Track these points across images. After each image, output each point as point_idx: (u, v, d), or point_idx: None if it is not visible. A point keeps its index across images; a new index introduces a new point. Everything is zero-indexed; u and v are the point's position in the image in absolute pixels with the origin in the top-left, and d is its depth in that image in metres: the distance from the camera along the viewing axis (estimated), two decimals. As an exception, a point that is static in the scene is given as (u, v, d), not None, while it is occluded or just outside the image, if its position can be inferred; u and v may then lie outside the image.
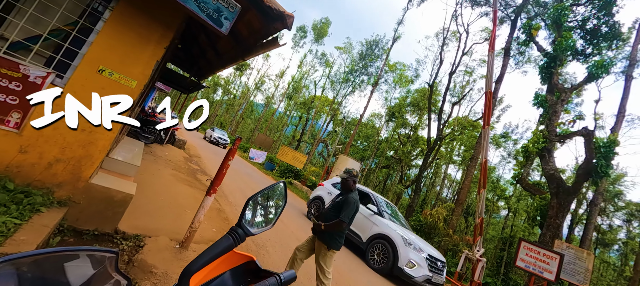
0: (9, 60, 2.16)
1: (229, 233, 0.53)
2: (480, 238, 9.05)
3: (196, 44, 5.16)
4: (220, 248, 0.50)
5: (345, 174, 2.91)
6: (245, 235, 0.54)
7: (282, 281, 0.60)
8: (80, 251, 0.47)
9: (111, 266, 0.51)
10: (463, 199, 16.80)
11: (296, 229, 6.29)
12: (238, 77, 49.04)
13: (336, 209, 2.83)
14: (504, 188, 31.72)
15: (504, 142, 34.07)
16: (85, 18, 2.36)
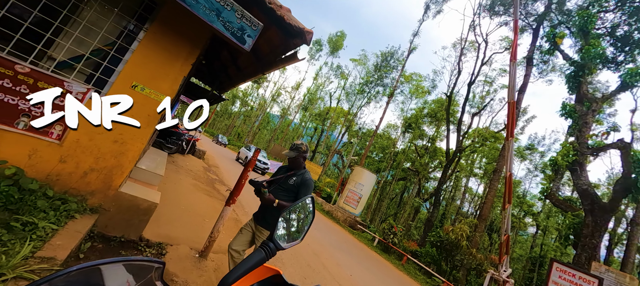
0: (56, 78, 2.38)
1: (262, 247, 0.55)
2: (506, 257, 8.50)
3: (218, 59, 5.43)
4: (253, 261, 0.52)
5: (293, 152, 2.36)
6: (276, 249, 0.55)
7: None
8: (133, 261, 0.50)
9: (156, 276, 0.54)
10: (486, 214, 15.94)
11: (311, 242, 6.23)
12: (255, 89, 50.55)
13: (290, 192, 2.35)
14: (531, 204, 29.81)
15: (530, 154, 32.34)
16: (122, 38, 2.57)
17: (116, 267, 0.51)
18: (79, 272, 0.45)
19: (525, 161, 32.94)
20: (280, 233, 0.63)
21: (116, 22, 2.60)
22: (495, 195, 17.36)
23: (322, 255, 5.58)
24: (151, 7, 2.67)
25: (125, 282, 0.51)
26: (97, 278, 0.50)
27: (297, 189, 2.35)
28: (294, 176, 2.40)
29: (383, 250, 11.91)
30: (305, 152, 2.41)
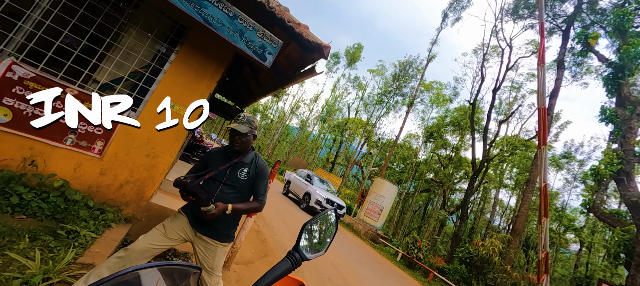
0: (98, 98, 2.64)
1: (287, 257, 0.57)
2: (546, 276, 7.74)
3: (240, 75, 5.71)
4: (280, 271, 0.54)
5: (245, 126, 1.70)
6: (301, 260, 0.57)
7: None
8: (170, 266, 0.54)
9: (194, 281, 0.57)
10: (520, 229, 14.76)
11: (330, 255, 6.13)
12: (275, 103, 51.96)
13: (243, 189, 1.77)
14: (573, 218, 27.19)
15: (566, 163, 29.82)
16: (156, 61, 2.81)
17: (154, 272, 0.55)
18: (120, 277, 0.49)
19: (562, 170, 30.41)
20: (304, 244, 0.64)
21: (151, 46, 2.86)
22: (530, 208, 16.05)
23: (343, 269, 5.46)
24: (181, 31, 2.90)
25: (171, 282, 0.54)
26: (137, 283, 0.55)
27: (251, 184, 1.78)
28: (245, 167, 1.76)
29: (407, 265, 11.39)
30: (256, 128, 1.79)
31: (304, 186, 12.19)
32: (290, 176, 14.01)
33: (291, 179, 13.76)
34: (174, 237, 1.71)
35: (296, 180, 13.24)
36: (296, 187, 12.85)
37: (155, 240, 1.66)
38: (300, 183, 12.69)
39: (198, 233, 1.73)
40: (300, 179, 12.96)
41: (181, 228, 1.73)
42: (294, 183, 13.30)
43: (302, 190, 12.02)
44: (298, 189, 12.52)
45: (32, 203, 2.33)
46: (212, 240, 1.74)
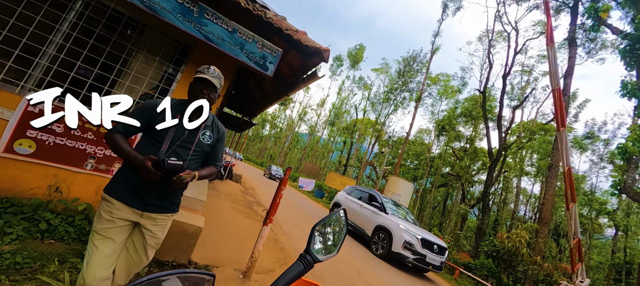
0: (113, 123, 2.77)
1: (299, 260, 0.57)
2: (580, 264, 7.35)
3: (246, 87, 5.83)
4: (292, 274, 0.55)
5: (217, 79, 1.54)
6: (314, 262, 0.58)
7: None
8: (186, 273, 0.55)
9: None
10: (547, 217, 14.07)
11: (351, 258, 6.05)
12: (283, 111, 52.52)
13: (202, 155, 1.60)
14: (604, 201, 25.68)
15: (590, 144, 28.35)
16: (164, 82, 2.92)
17: (173, 280, 0.57)
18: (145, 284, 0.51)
19: (586, 152, 28.91)
20: (316, 246, 0.65)
21: (158, 68, 2.98)
22: (555, 194, 15.29)
23: (364, 272, 5.37)
24: (185, 50, 3.01)
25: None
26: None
27: (213, 148, 1.63)
28: (207, 129, 1.58)
29: (430, 263, 11.07)
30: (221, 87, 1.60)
31: (371, 215, 8.08)
32: (341, 198, 9.77)
33: (343, 202, 9.45)
34: (122, 235, 1.47)
35: (353, 204, 8.92)
36: (357, 217, 8.48)
37: (110, 252, 1.41)
38: (362, 210, 8.49)
39: (146, 212, 1.48)
40: (361, 204, 8.72)
41: (122, 218, 1.44)
42: (350, 208, 8.77)
43: (370, 222, 7.90)
44: (362, 221, 8.25)
45: (59, 228, 2.45)
46: (164, 214, 1.55)
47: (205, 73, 1.49)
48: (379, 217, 7.83)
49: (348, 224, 0.73)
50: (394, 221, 7.39)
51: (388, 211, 7.92)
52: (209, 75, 1.49)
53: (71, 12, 2.55)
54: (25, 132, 2.41)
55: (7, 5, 2.38)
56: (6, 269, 1.86)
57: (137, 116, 1.38)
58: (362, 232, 8.14)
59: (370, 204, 8.53)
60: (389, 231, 7.20)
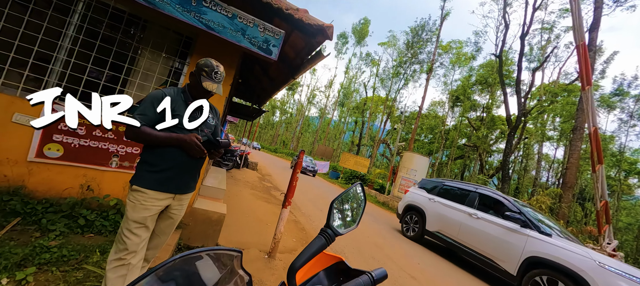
0: (130, 121, 2.87)
1: (321, 234, 0.59)
2: (608, 227, 7.14)
3: (252, 75, 5.82)
4: (315, 247, 0.56)
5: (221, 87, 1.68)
6: (335, 235, 0.59)
7: (374, 279, 0.63)
8: (215, 250, 0.59)
9: (237, 264, 0.62)
10: (572, 181, 13.56)
11: (371, 234, 6.18)
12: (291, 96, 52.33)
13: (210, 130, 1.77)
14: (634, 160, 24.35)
15: (619, 101, 26.48)
16: (172, 76, 2.96)
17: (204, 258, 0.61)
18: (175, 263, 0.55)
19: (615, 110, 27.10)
20: (335, 221, 0.66)
21: (164, 64, 3.01)
22: (580, 157, 14.62)
23: (385, 247, 5.48)
24: (188, 42, 3.01)
25: (214, 269, 0.60)
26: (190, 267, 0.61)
27: (216, 126, 1.83)
28: (210, 112, 1.72)
29: (449, 235, 11.13)
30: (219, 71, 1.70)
31: (504, 235, 4.77)
32: (420, 199, 6.73)
33: (426, 205, 6.47)
34: (154, 221, 1.60)
35: (451, 211, 5.88)
36: (466, 233, 5.39)
37: (146, 236, 1.58)
38: (476, 224, 5.27)
39: (177, 195, 1.63)
40: (470, 213, 5.48)
41: (156, 206, 1.55)
42: (444, 217, 5.96)
43: (509, 249, 4.62)
44: (483, 243, 5.05)
45: (96, 223, 2.65)
46: (190, 193, 1.72)
47: (215, 80, 1.59)
48: (532, 242, 4.35)
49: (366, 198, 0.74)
50: (582, 256, 3.84)
51: (544, 231, 4.46)
52: (217, 84, 1.61)
53: (75, 15, 2.59)
54: (51, 137, 2.56)
55: (14, 14, 2.45)
56: (55, 261, 2.05)
57: (152, 107, 1.49)
58: (484, 260, 4.90)
59: (495, 215, 5.17)
60: (580, 279, 3.68)
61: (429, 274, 4.53)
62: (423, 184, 7.30)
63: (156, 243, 1.72)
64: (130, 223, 1.50)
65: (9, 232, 2.24)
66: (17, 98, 2.48)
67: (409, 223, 6.96)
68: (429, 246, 6.61)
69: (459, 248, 5.46)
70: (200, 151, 1.52)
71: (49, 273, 1.94)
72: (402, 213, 7.24)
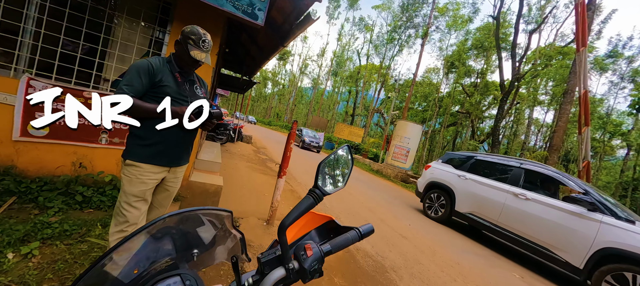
0: (115, 96, 2.78)
1: (309, 194, 0.61)
2: (588, 185, 7.53)
3: (240, 44, 5.56)
4: (303, 206, 0.58)
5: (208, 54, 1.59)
6: (322, 194, 0.61)
7: (361, 233, 0.67)
8: (206, 210, 0.61)
9: (229, 224, 0.65)
10: (558, 144, 14.01)
11: (364, 200, 6.43)
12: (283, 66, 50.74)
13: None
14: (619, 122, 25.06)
15: (612, 63, 26.51)
16: (153, 46, 2.81)
17: (198, 218, 0.64)
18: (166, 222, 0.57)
19: (607, 73, 27.23)
20: (323, 181, 0.68)
21: (144, 33, 2.84)
22: (569, 120, 14.93)
23: (378, 211, 5.74)
24: (167, 8, 2.82)
25: (209, 228, 0.64)
26: (186, 227, 0.64)
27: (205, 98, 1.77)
28: (195, 83, 1.71)
29: (439, 198, 11.67)
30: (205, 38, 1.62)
31: (568, 221, 4.01)
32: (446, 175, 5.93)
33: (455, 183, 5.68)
34: (151, 194, 1.62)
35: (487, 190, 5.12)
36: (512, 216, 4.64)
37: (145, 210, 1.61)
38: (527, 207, 4.49)
39: (172, 167, 1.63)
40: (516, 193, 4.69)
41: (153, 179, 1.56)
42: (479, 197, 5.18)
43: (574, 238, 3.88)
44: (537, 228, 4.32)
45: (94, 198, 2.68)
46: (184, 165, 1.72)
47: (203, 49, 1.51)
48: (607, 230, 3.64)
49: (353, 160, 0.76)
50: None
51: (623, 216, 3.70)
52: (205, 53, 1.52)
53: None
54: (34, 115, 2.47)
55: None
56: (58, 236, 2.11)
57: (139, 77, 1.41)
58: (537, 248, 4.23)
59: (550, 196, 4.44)
60: None
61: (419, 235, 4.83)
62: (448, 158, 6.39)
63: (154, 215, 1.75)
64: (129, 196, 1.51)
65: (7, 211, 2.26)
66: (-11, 75, 2.35)
67: (432, 202, 6.16)
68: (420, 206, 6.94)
69: (502, 233, 4.68)
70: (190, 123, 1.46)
71: (54, 246, 2.00)
72: (424, 192, 6.38)
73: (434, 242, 4.55)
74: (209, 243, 0.68)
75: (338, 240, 0.67)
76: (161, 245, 0.62)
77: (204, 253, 0.70)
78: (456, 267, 3.71)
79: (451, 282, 3.22)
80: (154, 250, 0.61)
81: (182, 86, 1.57)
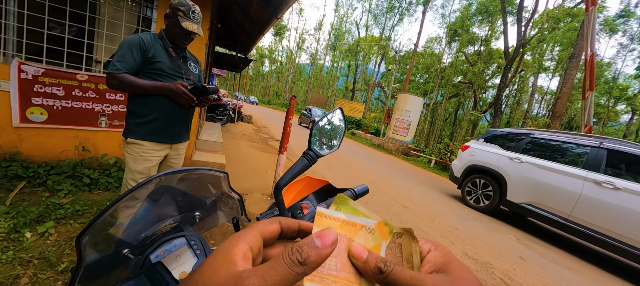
0: (110, 78, 2.75)
1: (303, 156, 0.62)
2: (588, 149, 7.53)
3: (232, 19, 5.36)
4: (298, 168, 0.60)
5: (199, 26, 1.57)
6: (316, 156, 0.62)
7: (356, 193, 0.70)
8: (201, 170, 0.64)
9: (225, 185, 0.68)
10: (561, 111, 13.85)
11: (366, 173, 6.54)
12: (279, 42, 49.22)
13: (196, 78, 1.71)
14: (626, 86, 24.53)
15: (622, 24, 25.37)
16: (142, 24, 2.72)
17: (194, 176, 0.66)
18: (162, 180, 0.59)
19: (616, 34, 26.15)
20: (317, 144, 0.69)
21: (131, 11, 2.74)
22: (573, 87, 14.61)
23: (379, 183, 5.85)
24: (155, -18, 2.69)
25: (208, 189, 0.67)
26: (185, 187, 0.67)
27: (199, 75, 1.75)
28: (189, 60, 1.69)
29: (441, 169, 11.81)
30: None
31: None
32: (487, 157, 5.13)
33: (504, 167, 4.81)
34: (156, 170, 1.63)
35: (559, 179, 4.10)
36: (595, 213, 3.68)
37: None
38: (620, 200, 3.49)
39: (174, 144, 1.67)
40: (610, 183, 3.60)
41: (156, 156, 1.58)
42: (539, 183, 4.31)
43: None
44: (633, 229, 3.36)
45: (101, 180, 2.75)
46: (185, 142, 1.75)
47: (193, 20, 1.50)
48: None
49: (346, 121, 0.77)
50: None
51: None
52: (196, 24, 1.51)
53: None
54: (30, 100, 2.47)
55: None
56: (71, 216, 2.20)
57: (131, 53, 1.40)
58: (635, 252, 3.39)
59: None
60: None
61: (419, 204, 4.95)
62: (491, 136, 5.33)
63: None
64: (134, 173, 1.55)
65: (19, 194, 2.34)
66: (-19, 61, 2.31)
67: (474, 189, 5.30)
68: (421, 178, 7.05)
69: (577, 230, 3.81)
70: (189, 99, 1.50)
71: (68, 225, 2.09)
72: (463, 177, 5.49)
73: (434, 210, 4.69)
74: (209, 206, 0.71)
75: None
76: (164, 207, 0.65)
77: (206, 216, 0.73)
78: (454, 232, 3.85)
79: (449, 245, 3.36)
80: (158, 213, 0.64)
81: (176, 61, 1.56)
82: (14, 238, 1.82)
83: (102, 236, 0.51)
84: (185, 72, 1.59)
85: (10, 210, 2.03)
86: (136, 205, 0.57)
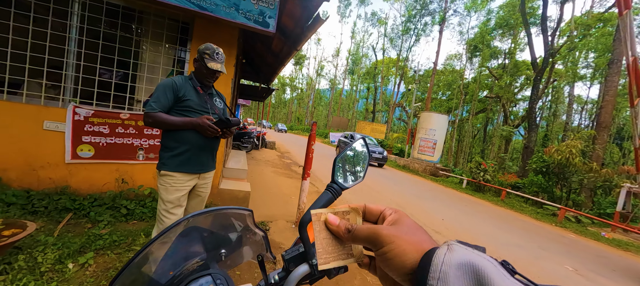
0: (148, 115, 3.01)
1: (327, 189, 0.61)
2: (647, 163, 6.67)
3: (255, 53, 5.74)
4: (322, 201, 0.59)
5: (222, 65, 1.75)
6: (341, 189, 0.61)
7: None
8: (227, 210, 0.65)
9: (250, 222, 0.68)
10: (607, 121, 12.56)
11: (392, 196, 6.28)
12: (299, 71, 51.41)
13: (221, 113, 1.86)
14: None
15: (668, 22, 23.24)
16: (177, 65, 3.00)
17: (220, 215, 0.67)
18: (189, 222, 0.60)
19: (662, 33, 23.94)
20: (341, 176, 0.68)
21: (167, 54, 3.05)
22: (617, 94, 13.32)
23: (407, 207, 5.57)
24: (185, 28, 3.00)
25: (233, 226, 0.67)
26: (211, 226, 0.68)
27: (224, 110, 1.91)
28: (215, 96, 1.87)
29: (475, 190, 11.02)
30: None
31: None
32: None
33: None
34: (186, 200, 1.77)
35: None
36: None
37: (182, 214, 1.77)
38: None
39: (202, 173, 1.79)
40: None
41: (186, 186, 1.71)
42: None
43: None
44: None
45: (136, 211, 2.91)
46: (212, 171, 1.88)
47: (217, 60, 1.69)
48: None
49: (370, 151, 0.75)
50: None
51: None
52: (220, 64, 1.71)
53: (73, 17, 2.64)
54: (81, 139, 2.75)
55: (19, 26, 2.54)
56: (108, 246, 2.32)
57: (165, 94, 1.62)
58: None
59: None
60: None
61: (453, 229, 4.59)
62: None
63: None
64: (166, 204, 1.69)
65: (65, 226, 2.53)
66: (43, 107, 2.66)
67: None
68: (453, 201, 6.60)
69: None
70: (214, 131, 1.66)
71: (106, 256, 2.20)
72: None
73: (471, 238, 4.30)
74: (235, 243, 0.71)
75: None
76: (191, 246, 0.66)
77: (232, 253, 0.73)
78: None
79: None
80: (186, 252, 0.65)
81: (203, 98, 1.75)
82: (59, 269, 1.94)
83: (133, 278, 0.52)
84: (211, 107, 1.78)
85: (57, 241, 2.19)
86: (166, 246, 0.58)
